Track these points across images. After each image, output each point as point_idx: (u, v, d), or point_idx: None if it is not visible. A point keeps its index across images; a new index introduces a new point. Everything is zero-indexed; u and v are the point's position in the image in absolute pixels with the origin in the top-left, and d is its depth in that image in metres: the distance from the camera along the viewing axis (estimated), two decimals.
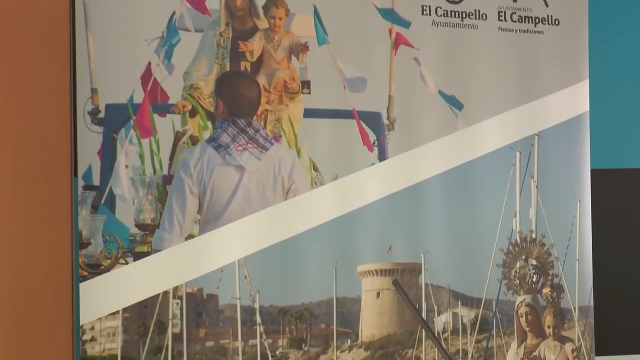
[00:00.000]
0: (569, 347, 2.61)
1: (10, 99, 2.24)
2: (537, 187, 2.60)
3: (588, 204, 2.65)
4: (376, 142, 2.45)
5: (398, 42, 2.49)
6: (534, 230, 2.61)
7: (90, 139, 2.26)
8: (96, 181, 2.27)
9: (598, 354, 2.66)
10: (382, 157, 2.46)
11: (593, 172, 2.66)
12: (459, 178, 2.51)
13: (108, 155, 2.27)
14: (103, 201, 2.26)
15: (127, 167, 2.28)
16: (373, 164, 2.45)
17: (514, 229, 2.60)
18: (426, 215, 2.48)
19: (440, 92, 2.52)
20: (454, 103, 2.53)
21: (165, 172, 2.31)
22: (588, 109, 2.64)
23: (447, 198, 2.50)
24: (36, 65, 2.27)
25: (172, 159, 2.32)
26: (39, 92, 2.27)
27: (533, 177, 2.60)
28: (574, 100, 2.63)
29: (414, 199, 2.47)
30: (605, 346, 2.70)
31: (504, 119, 2.57)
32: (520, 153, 2.59)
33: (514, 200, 2.58)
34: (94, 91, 2.26)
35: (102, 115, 2.27)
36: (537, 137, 2.61)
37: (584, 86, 2.64)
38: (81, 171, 2.26)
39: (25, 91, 2.26)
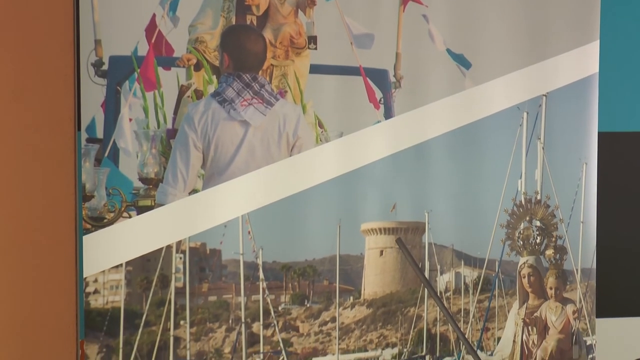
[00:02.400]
0: (569, 308, 2.62)
1: (12, 50, 2.21)
2: (543, 148, 2.59)
3: (594, 166, 2.63)
4: (382, 100, 2.43)
5: None
6: (539, 192, 2.60)
7: (94, 91, 2.24)
8: (99, 133, 2.25)
9: (598, 315, 2.67)
10: (388, 114, 2.44)
11: (600, 134, 2.63)
12: (465, 137, 2.50)
13: (111, 108, 2.25)
14: (106, 154, 2.25)
15: (130, 120, 2.26)
16: (378, 122, 2.43)
17: (519, 189, 2.58)
18: (431, 174, 2.47)
19: (448, 50, 2.49)
20: (462, 61, 2.50)
21: (169, 125, 2.30)
22: (597, 70, 2.61)
23: (452, 157, 2.49)
24: (39, 16, 2.23)
25: (176, 112, 2.30)
26: (41, 43, 2.23)
27: (539, 138, 2.58)
28: (584, 61, 2.60)
29: (419, 157, 2.46)
30: (606, 308, 2.71)
31: (511, 78, 2.54)
32: (527, 113, 2.57)
33: (520, 161, 2.57)
34: (97, 42, 2.24)
35: (105, 67, 2.24)
36: (544, 97, 2.58)
37: (594, 47, 2.61)
38: (84, 123, 2.24)
39: (27, 42, 2.23)
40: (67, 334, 2.28)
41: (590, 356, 2.65)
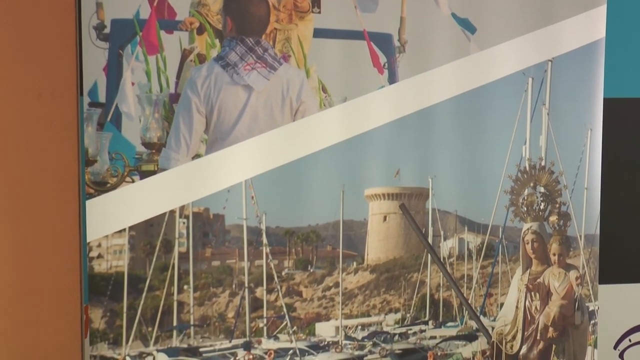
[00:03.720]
0: (572, 274, 2.62)
1: (13, 14, 2.19)
2: (548, 114, 2.57)
3: (599, 132, 2.62)
4: (386, 64, 2.41)
5: None
6: (543, 158, 2.59)
7: (96, 55, 2.22)
8: (102, 98, 2.24)
9: (601, 281, 2.68)
10: (392, 79, 2.42)
11: (605, 100, 2.61)
12: (469, 103, 2.48)
13: (113, 72, 2.24)
14: (109, 118, 2.24)
15: (133, 84, 2.25)
16: (382, 86, 2.41)
17: (523, 155, 2.57)
18: (435, 139, 2.46)
19: (453, 15, 2.46)
20: (467, 26, 2.47)
21: (172, 90, 2.28)
22: (604, 35, 2.59)
23: (456, 123, 2.47)
24: None
25: (178, 76, 2.28)
26: (42, 6, 2.21)
27: (544, 104, 2.57)
28: (590, 26, 2.57)
29: (423, 122, 2.44)
30: (608, 274, 2.71)
31: (517, 43, 2.52)
32: (533, 79, 2.55)
33: (524, 127, 2.55)
34: (98, 5, 2.21)
35: (107, 30, 2.22)
36: (550, 63, 2.56)
37: (601, 11, 2.58)
38: (86, 87, 2.23)
39: (28, 5, 2.21)
40: (71, 298, 2.28)
41: (592, 322, 2.66)
